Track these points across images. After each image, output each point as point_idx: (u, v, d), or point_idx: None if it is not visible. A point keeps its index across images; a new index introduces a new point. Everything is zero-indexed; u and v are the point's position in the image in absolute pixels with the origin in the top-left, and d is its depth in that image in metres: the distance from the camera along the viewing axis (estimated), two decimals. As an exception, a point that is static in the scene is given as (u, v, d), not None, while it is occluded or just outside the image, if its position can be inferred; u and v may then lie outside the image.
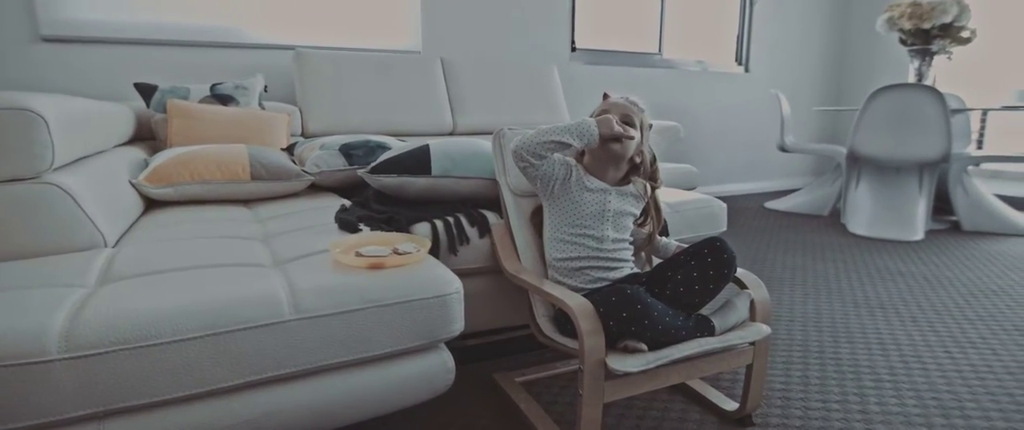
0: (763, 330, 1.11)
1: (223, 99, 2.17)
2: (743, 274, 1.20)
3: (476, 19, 3.15)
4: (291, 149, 2.00)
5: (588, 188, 1.22)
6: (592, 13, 3.61)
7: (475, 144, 1.49)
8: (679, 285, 1.09)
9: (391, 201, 1.47)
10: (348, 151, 1.74)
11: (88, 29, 2.31)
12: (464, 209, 1.39)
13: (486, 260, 1.34)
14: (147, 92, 2.11)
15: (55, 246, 1.08)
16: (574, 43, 3.53)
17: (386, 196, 1.50)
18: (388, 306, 0.90)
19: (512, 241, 1.32)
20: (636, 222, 1.30)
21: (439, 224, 1.30)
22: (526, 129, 1.27)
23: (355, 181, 1.69)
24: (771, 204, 3.80)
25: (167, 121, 1.99)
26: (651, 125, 1.27)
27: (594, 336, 0.98)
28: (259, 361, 0.82)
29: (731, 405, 1.26)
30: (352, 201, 1.54)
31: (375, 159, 1.57)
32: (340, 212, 1.37)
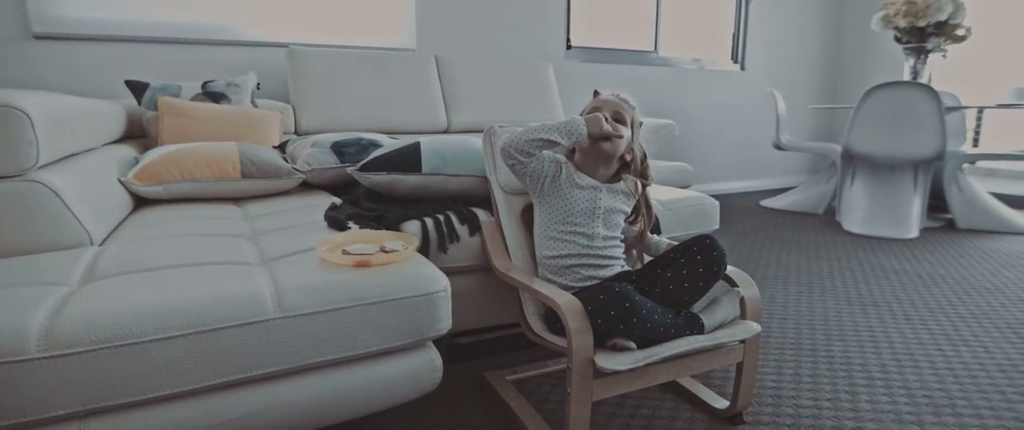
0: (753, 328, 1.11)
1: (215, 97, 2.16)
2: (734, 272, 1.19)
3: (471, 17, 3.14)
4: (283, 147, 1.99)
5: (578, 185, 1.21)
6: (588, 11, 3.60)
7: (466, 141, 1.49)
8: (668, 283, 1.09)
9: (382, 199, 1.47)
10: (340, 149, 1.73)
11: (80, 26, 2.30)
12: (455, 207, 1.38)
13: (476, 258, 1.34)
14: (138, 89, 2.09)
15: (40, 244, 1.07)
16: (569, 41, 3.53)
17: (377, 194, 1.49)
18: (374, 304, 0.90)
19: (503, 239, 1.31)
20: (627, 220, 1.29)
21: (429, 222, 1.30)
22: (516, 127, 1.27)
23: (347, 179, 1.68)
24: (767, 202, 3.80)
25: (158, 119, 1.98)
26: (641, 123, 1.27)
27: (582, 334, 0.98)
28: (243, 360, 0.81)
29: (722, 403, 1.25)
30: (343, 199, 1.54)
31: (367, 157, 1.56)
32: (330, 210, 1.36)
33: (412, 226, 1.29)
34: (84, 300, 0.80)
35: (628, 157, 1.25)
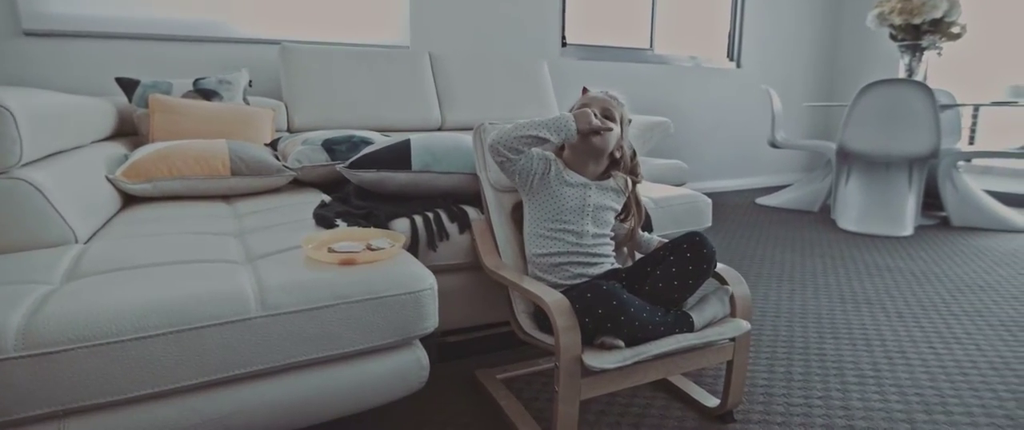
0: (743, 326, 1.10)
1: (206, 94, 2.14)
2: (724, 270, 1.19)
3: (465, 13, 3.13)
4: (275, 144, 1.98)
5: (568, 183, 1.20)
6: (583, 8, 3.59)
7: (457, 139, 1.48)
8: (658, 281, 1.08)
9: (371, 196, 1.46)
10: (331, 146, 1.72)
11: (71, 23, 2.28)
12: (445, 204, 1.37)
13: (466, 256, 1.33)
14: (129, 87, 2.08)
15: (23, 242, 1.06)
16: (565, 38, 3.51)
17: (367, 191, 1.48)
18: (358, 302, 0.89)
19: (493, 237, 1.31)
20: (618, 217, 1.29)
21: (418, 220, 1.29)
22: (506, 123, 1.26)
23: (339, 176, 1.67)
24: (762, 200, 3.80)
25: (149, 116, 1.97)
26: (630, 120, 1.26)
27: (570, 333, 0.97)
28: (225, 358, 0.80)
29: (713, 401, 1.25)
30: (333, 196, 1.53)
31: (358, 154, 1.55)
32: (319, 208, 1.36)
33: (401, 224, 1.28)
34: (64, 298, 0.79)
35: (618, 154, 1.24)
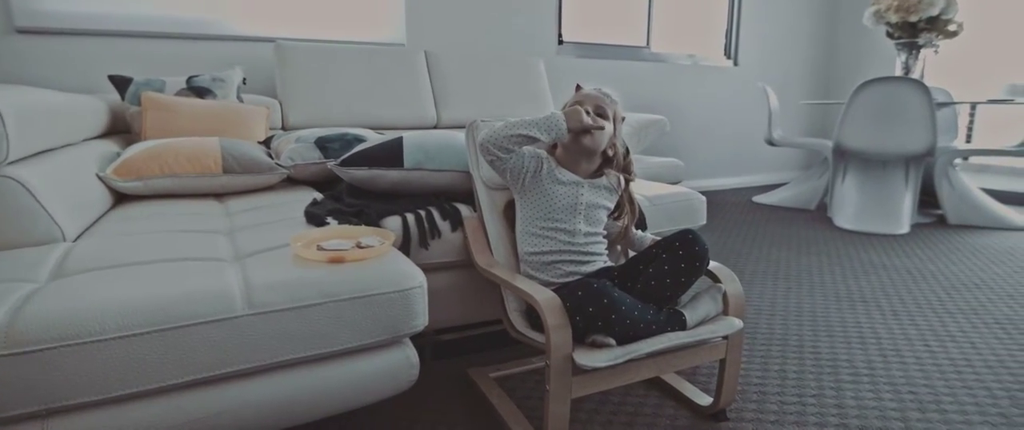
0: (736, 324, 1.10)
1: (200, 91, 2.13)
2: (717, 268, 1.18)
3: (461, 11, 3.12)
4: (268, 142, 1.97)
5: (560, 181, 1.20)
6: (580, 6, 3.58)
7: (449, 137, 1.47)
8: (650, 279, 1.08)
9: (364, 194, 1.45)
10: (324, 144, 1.71)
11: (64, 20, 2.27)
12: (437, 202, 1.36)
13: (459, 254, 1.32)
14: (121, 84, 2.07)
15: (10, 240, 1.05)
16: (561, 36, 3.51)
17: (359, 189, 1.47)
18: (347, 301, 0.88)
19: (485, 235, 1.30)
20: (611, 215, 1.28)
21: (410, 217, 1.28)
22: (497, 122, 1.25)
23: (332, 174, 1.66)
24: (759, 198, 3.80)
25: (142, 114, 1.96)
26: (623, 118, 1.25)
27: (561, 331, 0.96)
28: (210, 357, 0.80)
29: (706, 400, 1.24)
30: (325, 195, 1.52)
31: (350, 152, 1.54)
32: (310, 206, 1.35)
33: (393, 222, 1.27)
34: (48, 297, 0.78)
35: (610, 152, 1.23)
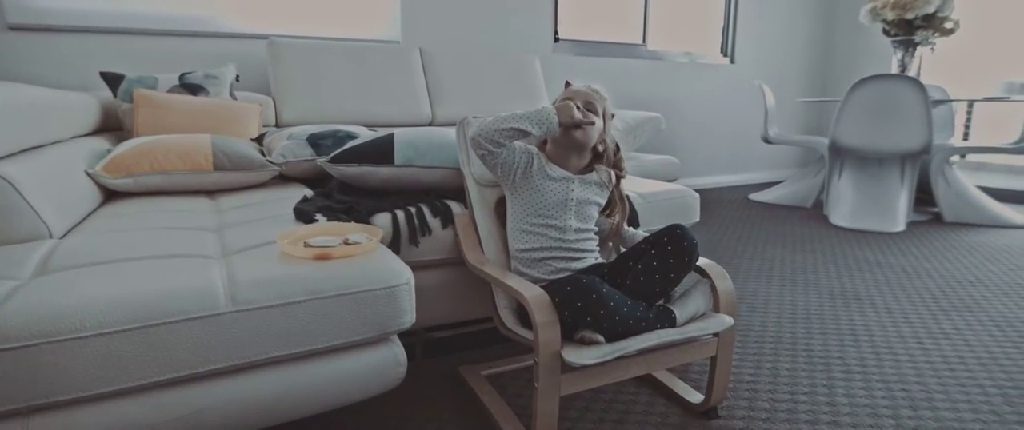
0: (726, 321, 1.09)
1: (192, 89, 2.12)
2: (708, 264, 1.18)
3: (457, 8, 3.10)
4: (261, 139, 1.96)
5: (550, 177, 1.19)
6: (576, 3, 3.57)
7: (441, 134, 1.46)
8: (639, 274, 1.07)
9: (355, 191, 1.44)
10: (316, 141, 1.70)
11: (56, 17, 2.25)
12: (427, 199, 1.36)
13: (449, 251, 1.31)
14: (113, 81, 2.06)
15: (-6, 237, 1.04)
16: (557, 33, 3.50)
17: (350, 186, 1.47)
18: (332, 298, 0.87)
19: (476, 232, 1.29)
20: (602, 212, 1.27)
21: (400, 214, 1.27)
22: (496, 115, 1.24)
23: (325, 171, 1.65)
24: (755, 196, 3.79)
25: (134, 111, 1.95)
26: (613, 114, 1.24)
27: (549, 328, 0.96)
28: (194, 355, 0.79)
29: (697, 397, 1.24)
30: (316, 192, 1.51)
31: (340, 148, 1.53)
32: (300, 203, 1.34)
33: (383, 219, 1.27)
34: (30, 294, 0.77)
35: (600, 148, 1.23)
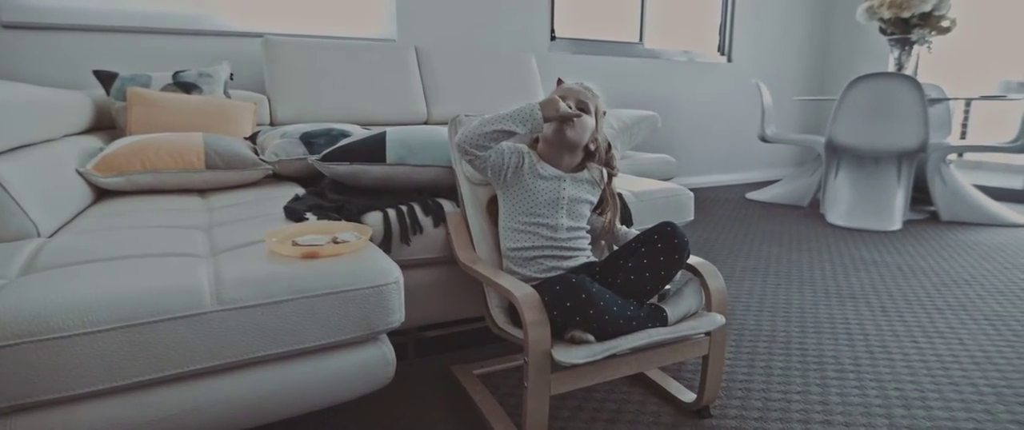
0: (718, 320, 1.08)
1: (186, 87, 2.12)
2: (699, 263, 1.17)
3: (453, 7, 3.10)
4: (254, 138, 1.95)
5: (541, 175, 1.18)
6: (573, 1, 3.56)
7: (434, 132, 1.45)
8: (630, 273, 1.06)
9: (347, 190, 1.44)
10: (309, 139, 1.69)
11: (51, 15, 2.25)
12: (419, 198, 1.35)
13: (441, 250, 1.31)
14: (107, 79, 2.05)
15: (-19, 236, 1.04)
16: (554, 32, 3.49)
17: (342, 185, 1.46)
18: (320, 297, 0.87)
19: (468, 231, 1.29)
20: (595, 210, 1.27)
21: (391, 213, 1.27)
22: (481, 116, 1.24)
23: (318, 170, 1.65)
24: (752, 195, 3.79)
25: (127, 109, 1.94)
26: (605, 112, 1.24)
27: (539, 327, 0.95)
28: (178, 354, 0.78)
29: (690, 396, 1.23)
30: (308, 190, 1.50)
31: (332, 147, 1.53)
32: (291, 201, 1.33)
33: (374, 217, 1.26)
34: (14, 293, 0.77)
35: (592, 147, 1.22)
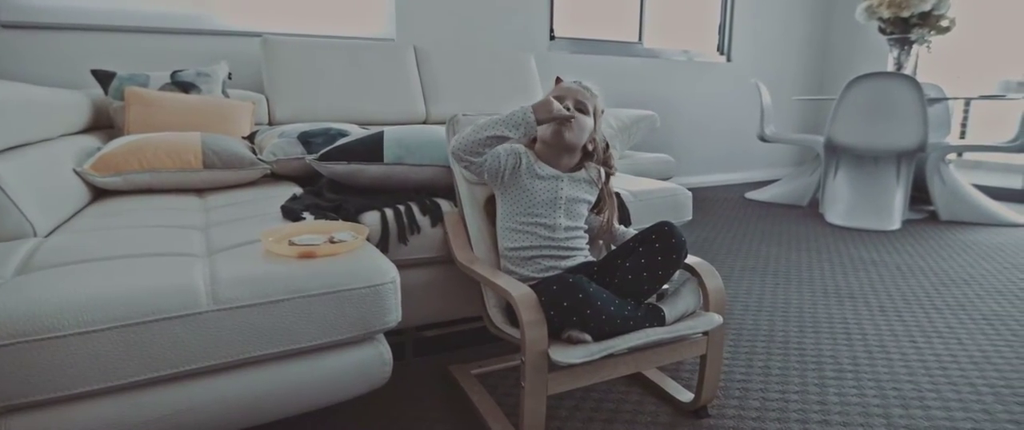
0: (715, 320, 1.08)
1: (184, 86, 2.11)
2: (697, 262, 1.17)
3: (452, 6, 3.09)
4: (252, 137, 1.95)
5: (539, 176, 1.18)
6: (572, 1, 3.55)
7: (431, 132, 1.45)
8: (627, 272, 1.06)
9: (345, 190, 1.44)
10: (307, 139, 1.69)
11: (49, 15, 2.25)
12: (417, 198, 1.35)
13: (439, 250, 1.31)
14: (105, 79, 2.05)
15: (-23, 235, 1.03)
16: (553, 31, 3.49)
17: (340, 184, 1.46)
18: (316, 297, 0.87)
19: (465, 230, 1.29)
20: (592, 210, 1.27)
21: (389, 212, 1.26)
22: (480, 116, 1.23)
23: (316, 170, 1.64)
24: (751, 194, 3.79)
25: (125, 109, 1.94)
26: (603, 111, 1.24)
27: (536, 327, 0.95)
28: (174, 354, 0.78)
29: (688, 396, 1.23)
30: (305, 190, 1.50)
31: (329, 147, 1.52)
32: (289, 201, 1.33)
33: (371, 217, 1.26)
34: (8, 293, 0.76)
35: (590, 146, 1.22)
